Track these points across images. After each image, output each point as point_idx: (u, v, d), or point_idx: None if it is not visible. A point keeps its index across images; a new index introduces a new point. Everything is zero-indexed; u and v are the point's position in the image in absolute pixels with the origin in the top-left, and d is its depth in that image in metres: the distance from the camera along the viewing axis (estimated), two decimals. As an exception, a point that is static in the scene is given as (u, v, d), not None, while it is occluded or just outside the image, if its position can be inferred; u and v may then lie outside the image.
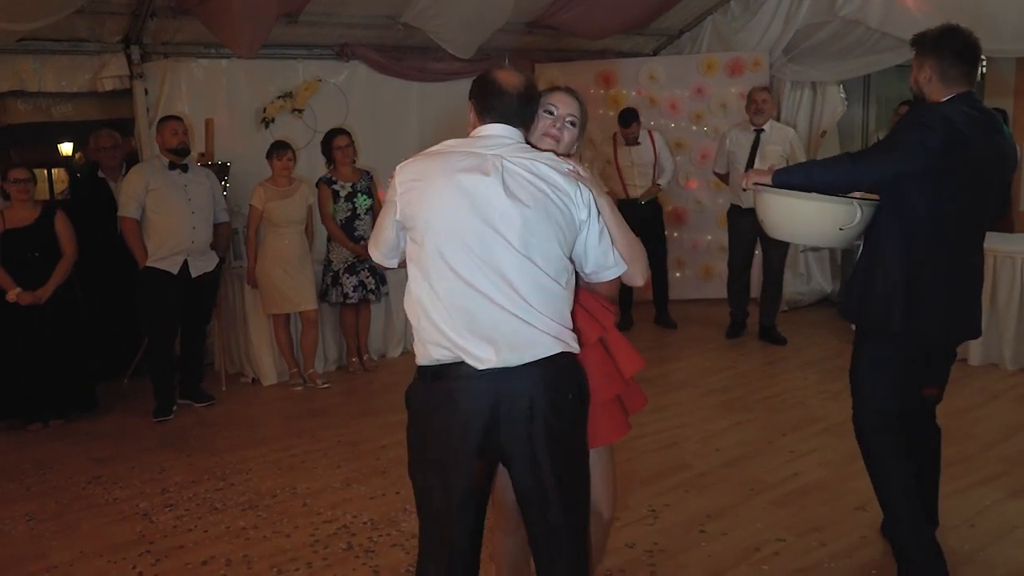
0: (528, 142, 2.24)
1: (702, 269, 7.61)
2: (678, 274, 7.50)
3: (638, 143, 6.58)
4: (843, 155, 2.89)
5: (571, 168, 2.16)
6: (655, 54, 7.98)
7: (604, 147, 6.76)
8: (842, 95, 7.16)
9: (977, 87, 8.52)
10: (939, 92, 2.81)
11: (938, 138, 2.67)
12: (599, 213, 2.19)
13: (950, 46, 2.79)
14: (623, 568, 3.16)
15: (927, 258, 2.78)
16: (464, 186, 2.07)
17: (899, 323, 2.79)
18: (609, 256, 2.23)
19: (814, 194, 2.79)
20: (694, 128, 7.41)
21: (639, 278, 2.30)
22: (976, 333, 3.00)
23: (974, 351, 5.54)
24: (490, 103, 2.18)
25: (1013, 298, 5.35)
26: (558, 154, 2.23)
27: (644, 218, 6.59)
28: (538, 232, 2.07)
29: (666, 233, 6.96)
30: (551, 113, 2.29)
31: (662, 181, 6.64)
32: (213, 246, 5.26)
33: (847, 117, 7.43)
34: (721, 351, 6.15)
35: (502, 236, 2.05)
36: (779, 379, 5.46)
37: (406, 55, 6.85)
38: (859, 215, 2.79)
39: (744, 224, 6.01)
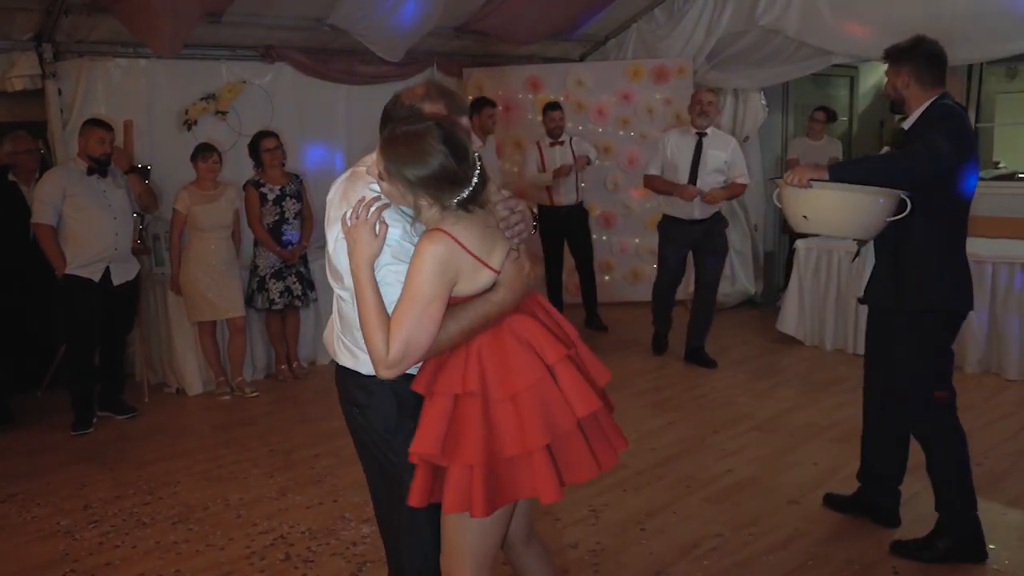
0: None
1: (630, 272, 7.72)
2: (607, 277, 7.59)
3: (562, 142, 6.64)
4: (913, 150, 2.94)
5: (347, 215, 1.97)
6: (582, 60, 8.08)
7: (530, 149, 6.78)
8: (763, 102, 7.38)
9: (889, 96, 8.79)
10: (919, 95, 3.06)
11: (965, 129, 2.96)
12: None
13: (922, 51, 3.04)
14: (567, 568, 3.17)
15: (957, 241, 3.05)
16: None
17: (950, 302, 3.04)
18: None
19: (868, 188, 2.91)
20: (621, 133, 7.52)
21: (371, 353, 1.92)
22: None
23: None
24: None
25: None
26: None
27: (568, 223, 6.67)
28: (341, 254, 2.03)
29: (593, 237, 6.99)
30: None
31: (592, 156, 6.70)
32: (136, 251, 5.08)
33: (768, 123, 7.66)
34: (650, 352, 6.23)
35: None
36: (707, 379, 5.58)
37: (333, 57, 6.76)
38: (909, 206, 2.94)
39: (681, 237, 5.73)
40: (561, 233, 6.69)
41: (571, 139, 6.72)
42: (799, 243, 6.29)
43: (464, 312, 1.93)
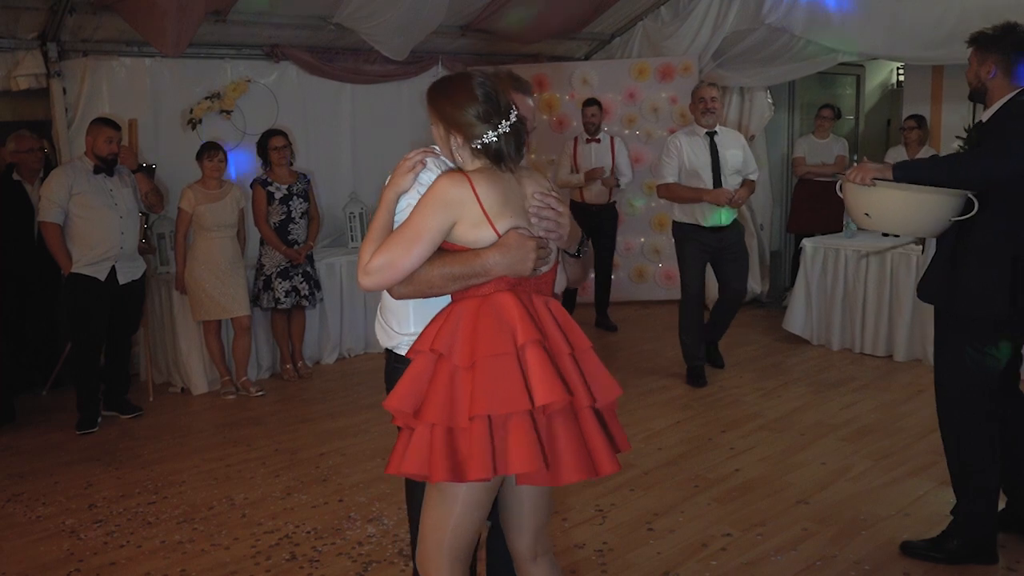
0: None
1: (635, 271, 7.70)
2: (612, 276, 7.56)
3: (598, 139, 6.64)
4: (981, 151, 2.89)
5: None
6: (587, 58, 8.05)
7: (567, 145, 6.78)
8: (769, 100, 7.35)
9: (895, 94, 8.84)
10: (1004, 87, 2.90)
11: None
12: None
13: (1013, 41, 2.89)
14: (574, 568, 3.15)
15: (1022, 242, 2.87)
16: None
17: (1009, 309, 2.87)
18: None
19: (933, 188, 2.84)
20: (626, 132, 7.49)
21: (359, 261, 2.02)
22: None
23: (899, 348, 5.73)
24: None
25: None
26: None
27: (599, 223, 6.62)
28: None
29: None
30: None
31: (622, 181, 6.67)
32: (141, 250, 5.06)
33: (774, 122, 7.63)
34: (656, 351, 6.21)
35: None
36: (715, 378, 5.54)
37: (338, 56, 6.74)
38: (976, 206, 2.85)
39: (702, 246, 5.31)
40: (588, 232, 6.60)
41: (612, 138, 6.72)
42: (805, 242, 6.26)
43: (451, 258, 1.97)
